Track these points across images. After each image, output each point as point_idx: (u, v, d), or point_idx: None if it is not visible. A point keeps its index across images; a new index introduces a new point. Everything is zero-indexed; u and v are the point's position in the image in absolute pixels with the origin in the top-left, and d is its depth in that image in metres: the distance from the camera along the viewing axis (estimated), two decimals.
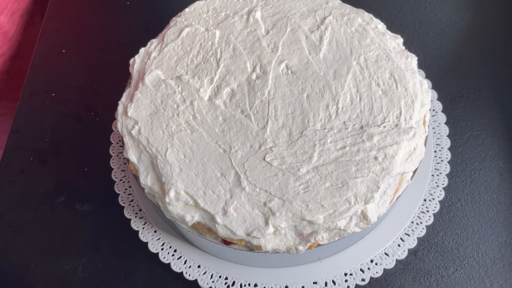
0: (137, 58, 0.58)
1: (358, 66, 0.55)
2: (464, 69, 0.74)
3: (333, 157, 0.49)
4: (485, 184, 0.63)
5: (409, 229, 0.58)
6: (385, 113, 0.52)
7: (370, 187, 0.47)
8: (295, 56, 0.56)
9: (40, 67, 0.78)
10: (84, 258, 0.61)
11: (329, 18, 0.59)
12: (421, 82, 0.54)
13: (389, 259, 0.57)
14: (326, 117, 0.52)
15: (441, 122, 0.67)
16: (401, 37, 0.59)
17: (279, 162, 0.49)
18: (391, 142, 0.49)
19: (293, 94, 0.54)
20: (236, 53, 0.57)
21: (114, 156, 0.66)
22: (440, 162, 0.63)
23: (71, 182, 0.66)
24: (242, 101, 0.53)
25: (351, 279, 0.55)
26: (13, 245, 0.62)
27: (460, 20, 0.79)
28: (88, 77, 0.77)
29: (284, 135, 0.51)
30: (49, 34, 0.82)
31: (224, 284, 0.56)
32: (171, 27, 0.61)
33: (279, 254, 0.49)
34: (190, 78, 0.55)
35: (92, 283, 0.59)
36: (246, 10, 0.61)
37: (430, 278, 0.57)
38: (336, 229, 0.47)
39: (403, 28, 0.79)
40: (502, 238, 0.59)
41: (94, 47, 0.81)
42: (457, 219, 0.61)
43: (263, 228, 0.46)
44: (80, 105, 0.73)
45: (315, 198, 0.47)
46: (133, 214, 0.61)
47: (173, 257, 0.58)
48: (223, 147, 0.50)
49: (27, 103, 0.74)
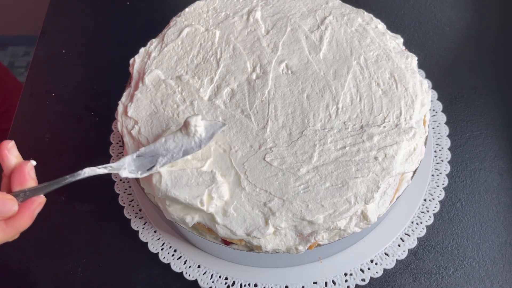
0: (137, 58, 0.58)
1: (358, 66, 0.55)
2: (464, 69, 0.74)
3: (333, 157, 0.49)
4: (485, 184, 0.63)
5: (409, 229, 0.58)
6: (385, 113, 0.51)
7: (370, 187, 0.47)
8: (295, 56, 0.56)
9: (40, 67, 0.78)
10: (84, 258, 0.61)
11: (329, 18, 0.59)
12: (421, 82, 0.54)
13: (389, 259, 0.57)
14: (326, 117, 0.52)
15: (441, 122, 0.67)
16: (401, 37, 0.59)
17: (279, 162, 0.49)
18: (391, 142, 0.49)
19: (293, 94, 0.54)
20: (236, 53, 0.57)
21: (114, 156, 0.66)
22: (440, 162, 0.63)
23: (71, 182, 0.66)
24: (242, 101, 0.53)
25: (351, 279, 0.55)
26: (13, 245, 0.62)
27: (460, 20, 0.79)
28: (88, 77, 0.77)
29: (284, 135, 0.51)
30: (49, 34, 0.82)
31: (224, 284, 0.56)
32: (171, 27, 0.61)
33: (279, 254, 0.49)
34: (190, 78, 0.55)
35: (92, 283, 0.59)
36: (246, 10, 0.61)
37: (430, 278, 0.57)
38: (336, 229, 0.47)
39: (403, 28, 0.79)
40: (502, 238, 0.59)
41: (94, 47, 0.81)
42: (457, 219, 0.61)
43: (263, 228, 0.46)
44: (80, 105, 0.73)
45: (315, 198, 0.47)
46: (133, 214, 0.61)
47: (173, 257, 0.58)
48: (223, 147, 0.50)
49: (27, 103, 0.74)
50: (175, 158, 0.47)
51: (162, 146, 0.47)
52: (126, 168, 0.46)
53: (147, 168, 0.46)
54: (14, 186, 0.39)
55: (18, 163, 0.40)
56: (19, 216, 0.38)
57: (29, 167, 0.40)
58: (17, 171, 0.39)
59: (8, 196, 0.37)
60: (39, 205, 0.39)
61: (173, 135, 0.47)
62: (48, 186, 0.40)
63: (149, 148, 0.47)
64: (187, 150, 0.47)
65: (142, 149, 0.47)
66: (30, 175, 0.40)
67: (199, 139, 0.47)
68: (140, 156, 0.47)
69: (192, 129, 0.46)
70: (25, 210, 0.38)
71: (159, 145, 0.47)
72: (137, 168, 0.46)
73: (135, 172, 0.46)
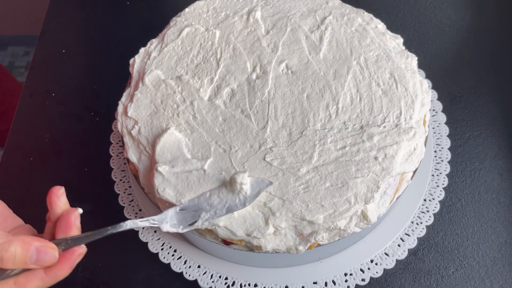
0: (137, 58, 0.58)
1: (358, 66, 0.55)
2: (464, 69, 0.74)
3: (333, 157, 0.49)
4: (485, 184, 0.63)
5: (409, 229, 0.58)
6: (385, 113, 0.51)
7: (370, 187, 0.47)
8: (295, 56, 0.56)
9: (40, 67, 0.78)
10: (84, 258, 0.60)
11: (329, 18, 0.59)
12: (421, 82, 0.54)
13: (389, 259, 0.57)
14: (326, 117, 0.52)
15: (441, 122, 0.67)
16: (401, 37, 0.59)
17: (279, 162, 0.49)
18: (391, 142, 0.49)
19: (293, 94, 0.54)
20: (236, 53, 0.57)
21: (114, 156, 0.66)
22: (440, 162, 0.63)
23: (71, 182, 0.66)
24: (242, 101, 0.53)
25: (351, 279, 0.55)
26: None
27: (460, 20, 0.79)
28: (88, 77, 0.77)
29: (284, 135, 0.51)
30: (49, 34, 0.82)
31: (224, 284, 0.56)
32: (171, 27, 0.61)
33: (279, 254, 0.49)
34: (190, 78, 0.55)
35: (92, 283, 0.59)
36: (246, 10, 0.61)
37: (430, 278, 0.57)
38: (336, 229, 0.47)
39: (403, 28, 0.79)
40: (502, 238, 0.59)
41: (94, 47, 0.81)
42: (457, 219, 0.61)
43: (263, 228, 0.46)
44: (80, 105, 0.73)
45: (315, 198, 0.47)
46: (133, 214, 0.61)
47: (173, 257, 0.58)
48: (223, 147, 0.50)
49: (27, 103, 0.74)
50: (218, 215, 0.45)
51: (206, 201, 0.46)
52: (168, 222, 0.45)
53: (189, 223, 0.45)
54: (59, 234, 0.38)
55: (65, 210, 0.39)
56: (59, 266, 0.37)
57: (76, 215, 0.39)
58: (64, 218, 0.38)
59: (50, 245, 0.36)
60: (80, 255, 0.38)
61: (218, 190, 0.46)
62: (90, 236, 0.39)
63: (193, 201, 0.46)
64: (231, 207, 0.45)
65: (186, 203, 0.46)
66: (75, 223, 0.39)
67: (244, 196, 0.45)
68: (183, 209, 0.46)
69: (238, 187, 0.45)
70: (65, 261, 0.37)
71: (203, 200, 0.46)
72: (179, 222, 0.45)
73: (177, 226, 0.45)
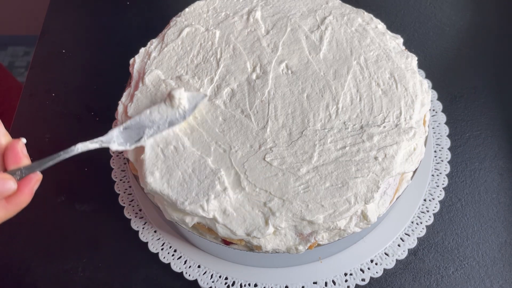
0: (137, 58, 0.58)
1: (358, 66, 0.55)
2: (464, 69, 0.74)
3: (333, 157, 0.49)
4: (485, 184, 0.63)
5: (409, 229, 0.58)
6: (385, 113, 0.52)
7: (370, 187, 0.47)
8: (295, 56, 0.56)
9: (40, 67, 0.78)
10: (84, 258, 0.61)
11: (329, 18, 0.59)
12: (421, 82, 0.54)
13: (389, 259, 0.57)
14: (326, 117, 0.52)
15: (441, 122, 0.67)
16: (401, 37, 0.59)
17: (279, 162, 0.49)
18: (391, 142, 0.49)
19: (293, 94, 0.54)
20: (236, 53, 0.57)
21: (114, 156, 0.66)
22: (440, 162, 0.63)
23: (71, 182, 0.66)
24: (242, 101, 0.53)
25: (351, 279, 0.55)
26: (13, 245, 0.62)
27: (460, 20, 0.79)
28: (88, 77, 0.77)
29: (284, 135, 0.51)
30: (49, 34, 0.82)
31: (224, 284, 0.56)
32: (171, 27, 0.61)
33: (279, 254, 0.49)
34: (190, 78, 0.55)
35: (92, 283, 0.59)
36: (246, 10, 0.61)
37: (430, 278, 0.57)
38: (336, 229, 0.47)
39: (403, 28, 0.79)
40: (502, 238, 0.59)
41: (94, 47, 0.81)
42: (457, 219, 0.61)
43: (263, 228, 0.46)
44: (80, 105, 0.73)
45: (315, 198, 0.47)
46: (133, 214, 0.61)
47: (173, 257, 0.58)
48: (223, 147, 0.50)
49: (27, 103, 0.74)
50: (161, 129, 0.49)
51: (148, 118, 0.49)
52: (115, 141, 0.47)
53: (135, 140, 0.48)
54: (9, 165, 0.39)
55: (9, 142, 0.40)
56: (19, 194, 0.39)
57: (21, 145, 0.40)
58: (10, 150, 0.39)
59: (7, 176, 0.38)
60: (37, 181, 0.40)
61: (157, 106, 0.49)
62: (43, 163, 0.41)
63: (134, 120, 0.49)
64: (172, 121, 0.50)
65: (128, 122, 0.49)
66: (23, 153, 0.40)
67: (183, 110, 0.50)
68: (127, 128, 0.48)
69: (176, 102, 0.49)
70: (24, 187, 0.39)
71: (144, 117, 0.49)
72: (125, 140, 0.48)
73: (124, 144, 0.48)
